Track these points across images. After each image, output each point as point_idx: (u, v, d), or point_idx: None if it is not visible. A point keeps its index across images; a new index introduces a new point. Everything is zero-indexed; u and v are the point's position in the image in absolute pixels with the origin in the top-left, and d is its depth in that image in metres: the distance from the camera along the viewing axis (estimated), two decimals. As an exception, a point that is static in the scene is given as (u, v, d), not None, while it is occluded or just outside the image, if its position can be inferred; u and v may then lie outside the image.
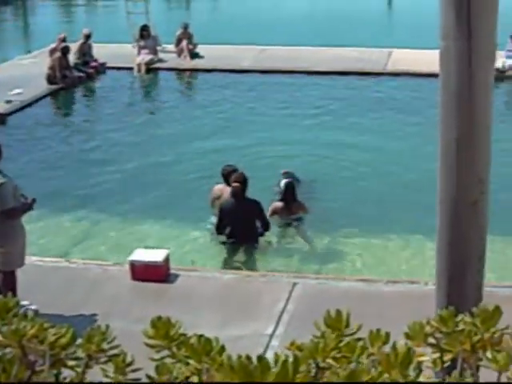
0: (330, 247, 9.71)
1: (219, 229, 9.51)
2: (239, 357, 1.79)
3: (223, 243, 9.57)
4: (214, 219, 9.75)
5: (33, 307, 7.38)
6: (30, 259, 7.83)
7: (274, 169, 11.26)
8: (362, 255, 9.33)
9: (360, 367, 1.85)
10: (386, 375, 2.00)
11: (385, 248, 9.48)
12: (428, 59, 14.31)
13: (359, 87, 16.93)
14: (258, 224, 9.57)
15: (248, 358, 1.55)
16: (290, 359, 1.80)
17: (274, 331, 7.08)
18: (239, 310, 7.52)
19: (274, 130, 14.23)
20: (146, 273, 8.15)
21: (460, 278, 4.53)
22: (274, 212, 10.11)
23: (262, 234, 9.63)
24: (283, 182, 10.34)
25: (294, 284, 8.06)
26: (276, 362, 1.80)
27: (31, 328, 1.85)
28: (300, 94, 16.58)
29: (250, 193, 9.65)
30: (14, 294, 7.21)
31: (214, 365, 1.90)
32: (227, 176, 9.90)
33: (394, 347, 2.11)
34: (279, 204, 10.14)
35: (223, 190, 9.96)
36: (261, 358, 1.46)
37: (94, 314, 7.30)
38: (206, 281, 8.27)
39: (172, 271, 8.35)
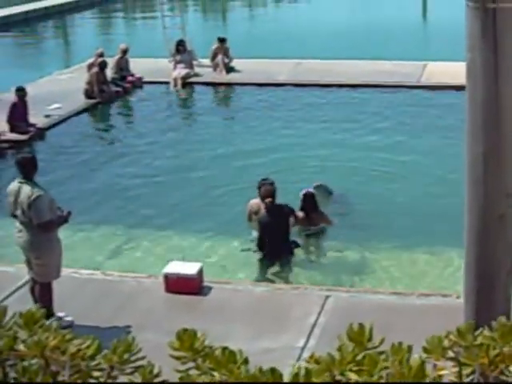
0: (360, 259, 9.71)
1: (261, 245, 9.61)
2: (259, 370, 1.82)
3: (261, 259, 9.62)
4: (254, 234, 9.84)
5: (68, 318, 7.52)
6: (65, 271, 7.96)
7: (309, 182, 11.31)
8: (393, 268, 9.32)
9: (367, 380, 1.88)
10: None
11: (417, 260, 9.47)
12: (463, 72, 14.22)
13: (393, 100, 16.90)
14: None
15: (260, 371, 1.59)
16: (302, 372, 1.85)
17: (305, 344, 7.11)
18: (271, 323, 7.57)
19: (308, 143, 14.28)
20: (179, 285, 8.25)
21: (488, 292, 4.53)
22: (296, 220, 10.17)
23: (297, 245, 9.71)
24: (302, 192, 10.38)
25: (327, 297, 8.08)
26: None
27: (53, 339, 1.92)
28: (334, 108, 16.60)
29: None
30: (50, 306, 7.36)
31: (232, 377, 1.95)
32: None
33: (407, 361, 2.13)
34: (300, 213, 10.22)
35: (260, 204, 10.06)
36: (274, 371, 1.50)
37: (128, 326, 7.40)
38: (238, 293, 8.34)
39: (205, 284, 8.44)
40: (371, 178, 12.40)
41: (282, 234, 9.60)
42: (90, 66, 18.07)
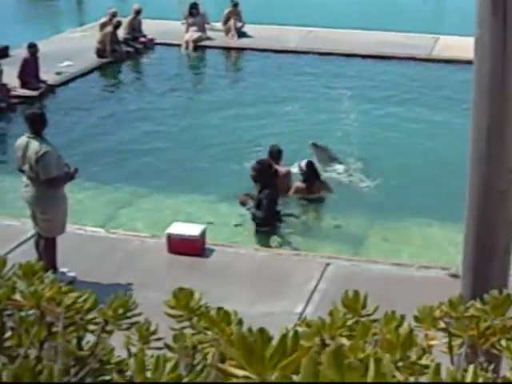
0: (361, 229, 9.77)
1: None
2: (249, 330, 1.87)
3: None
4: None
5: (71, 274, 7.62)
6: (70, 227, 8.05)
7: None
8: (395, 239, 9.38)
9: (354, 344, 1.92)
10: (386, 355, 2.03)
11: (421, 233, 9.51)
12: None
13: (404, 72, 16.82)
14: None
15: (250, 330, 1.63)
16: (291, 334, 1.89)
17: (303, 310, 7.21)
18: (271, 287, 7.66)
19: (315, 110, 14.28)
20: (182, 246, 8.33)
21: (485, 267, 4.56)
22: (296, 191, 10.34)
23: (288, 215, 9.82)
24: (303, 162, 10.45)
25: (327, 264, 8.16)
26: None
27: (49, 290, 1.96)
28: (343, 77, 16.54)
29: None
30: (54, 261, 7.46)
31: (224, 336, 2.00)
32: (272, 154, 10.38)
33: (396, 328, 2.17)
34: (301, 184, 10.35)
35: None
36: (262, 331, 1.53)
37: (130, 284, 7.51)
38: (240, 257, 8.43)
39: (208, 246, 8.52)
40: (377, 147, 12.40)
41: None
42: (103, 26, 18.01)
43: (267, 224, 9.47)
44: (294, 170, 10.57)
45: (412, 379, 1.91)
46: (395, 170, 11.46)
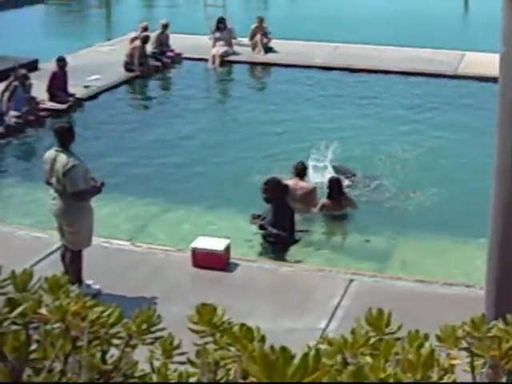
0: (386, 245, 9.74)
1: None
2: (271, 347, 1.88)
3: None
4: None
5: (96, 287, 7.68)
6: (96, 240, 8.11)
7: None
8: (418, 255, 9.33)
9: (375, 364, 1.91)
10: (408, 375, 2.02)
11: (444, 250, 9.45)
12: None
13: (429, 88, 16.78)
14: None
15: (272, 348, 1.64)
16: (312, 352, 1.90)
17: (327, 326, 7.19)
18: (294, 303, 7.65)
19: (341, 126, 14.29)
20: (206, 260, 8.36)
21: (509, 284, 4.54)
22: (322, 208, 10.36)
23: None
24: (328, 177, 10.54)
25: (351, 281, 8.14)
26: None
27: (74, 305, 1.99)
28: (370, 93, 16.53)
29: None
30: (80, 273, 7.52)
31: (246, 353, 2.01)
32: (298, 172, 10.49)
33: (418, 348, 2.16)
34: (326, 201, 10.39)
35: (296, 184, 10.40)
36: (284, 349, 1.54)
37: (154, 297, 7.54)
38: (263, 272, 8.44)
39: (232, 260, 8.54)
40: (399, 164, 12.36)
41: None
42: (134, 39, 18.17)
43: (285, 241, 9.47)
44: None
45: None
46: (421, 186, 11.41)
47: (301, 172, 10.50)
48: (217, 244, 8.48)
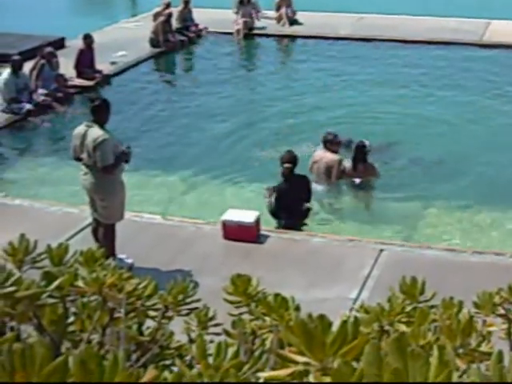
0: (413, 213, 9.67)
1: (275, 211, 9.23)
2: (309, 316, 1.87)
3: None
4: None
5: (129, 261, 7.73)
6: (127, 214, 8.13)
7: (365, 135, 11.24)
8: (447, 225, 9.26)
9: (415, 331, 1.91)
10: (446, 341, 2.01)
11: (473, 219, 9.37)
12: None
13: (453, 57, 16.55)
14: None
15: (310, 316, 1.64)
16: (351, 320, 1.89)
17: (358, 295, 7.19)
18: (325, 273, 7.66)
19: (365, 97, 14.19)
20: (237, 233, 8.38)
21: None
22: (343, 172, 10.23)
23: (308, 210, 9.35)
24: (355, 142, 10.45)
25: (381, 250, 8.12)
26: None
27: (111, 277, 2.00)
28: (395, 64, 16.37)
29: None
30: (112, 247, 7.58)
31: (283, 322, 2.01)
32: (326, 142, 10.33)
33: (456, 315, 2.15)
34: (347, 164, 10.29)
35: (322, 155, 10.29)
36: (322, 318, 1.54)
37: (186, 270, 7.58)
38: (294, 243, 8.44)
39: (262, 232, 8.55)
40: (427, 135, 12.26)
41: (298, 205, 9.20)
42: (157, 16, 18.14)
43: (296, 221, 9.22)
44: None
45: (473, 366, 1.89)
46: (447, 155, 11.32)
47: (329, 142, 10.37)
48: (247, 216, 8.49)
